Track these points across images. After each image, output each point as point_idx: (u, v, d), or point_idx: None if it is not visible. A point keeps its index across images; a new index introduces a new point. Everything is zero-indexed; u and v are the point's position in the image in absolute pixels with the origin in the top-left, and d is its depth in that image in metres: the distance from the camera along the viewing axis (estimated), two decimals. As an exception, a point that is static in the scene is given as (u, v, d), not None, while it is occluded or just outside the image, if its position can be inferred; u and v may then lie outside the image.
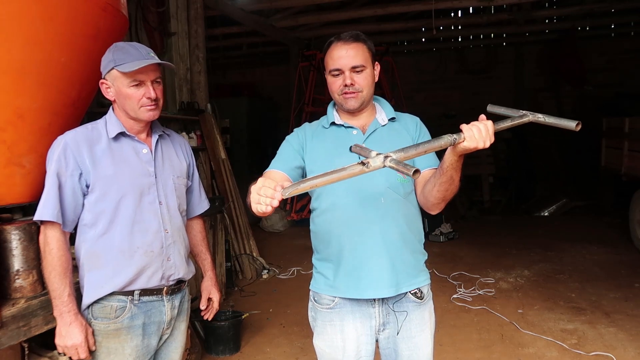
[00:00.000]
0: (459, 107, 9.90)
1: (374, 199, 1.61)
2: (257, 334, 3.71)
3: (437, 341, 3.48)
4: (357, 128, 1.69)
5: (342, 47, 1.62)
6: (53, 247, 1.58)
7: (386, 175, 1.59)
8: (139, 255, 1.65)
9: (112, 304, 1.64)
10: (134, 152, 1.70)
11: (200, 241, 2.01)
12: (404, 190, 1.64)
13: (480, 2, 6.79)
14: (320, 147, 1.69)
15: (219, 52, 9.34)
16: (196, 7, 5.22)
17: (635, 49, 9.18)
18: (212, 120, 5.20)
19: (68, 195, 1.60)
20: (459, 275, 4.85)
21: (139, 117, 1.68)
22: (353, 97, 1.64)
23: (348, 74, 1.62)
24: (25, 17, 1.67)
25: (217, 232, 4.30)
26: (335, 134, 1.70)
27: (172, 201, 1.75)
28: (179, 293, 1.80)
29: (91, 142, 1.64)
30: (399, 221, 1.63)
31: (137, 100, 1.64)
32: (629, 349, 3.27)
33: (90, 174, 1.61)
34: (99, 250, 1.64)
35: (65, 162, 1.59)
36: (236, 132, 7.73)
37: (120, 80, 1.62)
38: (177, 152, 1.85)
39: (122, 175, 1.65)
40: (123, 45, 1.66)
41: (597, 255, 5.47)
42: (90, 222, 1.64)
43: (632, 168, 5.64)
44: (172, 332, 1.80)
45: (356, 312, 1.64)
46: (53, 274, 1.57)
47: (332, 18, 7.47)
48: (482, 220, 7.75)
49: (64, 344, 1.59)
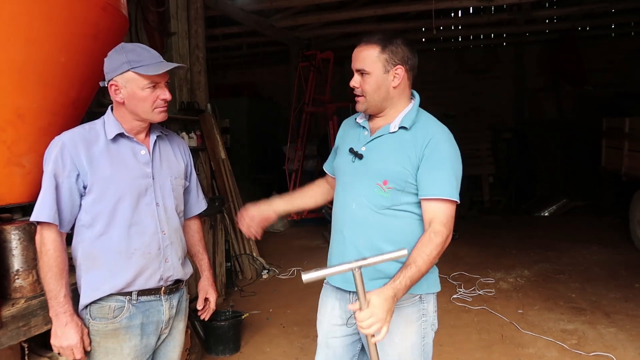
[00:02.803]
0: (459, 107, 9.90)
1: (349, 203, 1.68)
2: (257, 334, 3.70)
3: (437, 341, 3.47)
4: (369, 129, 1.72)
5: (356, 49, 1.65)
6: (49, 248, 1.57)
7: (368, 183, 1.63)
8: (136, 257, 1.65)
9: (110, 304, 1.64)
10: (132, 153, 1.68)
11: (197, 241, 2.00)
12: (382, 203, 1.62)
13: (480, 2, 6.79)
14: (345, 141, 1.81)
15: (219, 52, 9.35)
16: (196, 7, 5.22)
17: (635, 49, 9.18)
18: (212, 120, 5.20)
19: (65, 196, 1.59)
20: (459, 275, 4.86)
21: (150, 119, 1.68)
22: (358, 100, 1.67)
23: (355, 76, 1.65)
24: (25, 17, 1.67)
25: (217, 232, 4.30)
26: (355, 131, 1.79)
27: (169, 202, 1.75)
28: (177, 293, 1.80)
29: (89, 143, 1.62)
30: (369, 230, 1.65)
31: (151, 102, 1.64)
32: (629, 349, 3.27)
33: (87, 175, 1.60)
34: (96, 251, 1.63)
35: (62, 163, 1.58)
36: (236, 132, 7.72)
37: (136, 82, 1.61)
38: (175, 153, 1.84)
39: (120, 176, 1.64)
40: (133, 47, 1.64)
41: (597, 255, 5.47)
42: (87, 222, 1.63)
43: (632, 168, 5.64)
44: (170, 332, 1.80)
45: (338, 294, 1.78)
46: (49, 275, 1.57)
47: (332, 18, 7.47)
48: (482, 220, 7.75)
49: (60, 345, 1.59)
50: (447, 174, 1.58)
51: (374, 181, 1.62)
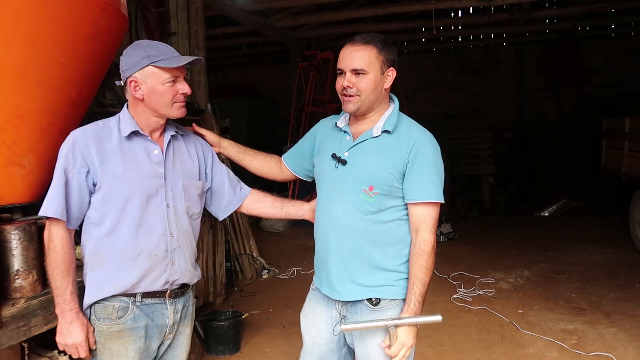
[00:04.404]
0: (459, 107, 9.90)
1: (334, 210, 1.67)
2: (257, 334, 3.70)
3: (437, 341, 3.49)
4: (351, 134, 1.71)
5: (348, 48, 1.62)
6: (57, 244, 1.55)
7: (353, 189, 1.64)
8: (142, 258, 1.62)
9: (113, 304, 1.62)
10: (145, 152, 1.66)
11: (271, 200, 1.98)
12: (367, 208, 1.63)
13: (480, 2, 6.79)
14: (325, 146, 1.77)
15: (219, 52, 9.34)
16: (196, 7, 5.22)
17: (635, 49, 9.18)
18: (212, 120, 5.20)
19: (74, 192, 1.57)
20: (459, 275, 4.85)
21: (169, 114, 1.66)
22: (349, 101, 1.64)
23: (348, 76, 1.62)
24: (25, 17, 1.67)
25: (217, 232, 4.30)
26: (335, 135, 1.77)
27: (180, 204, 1.71)
28: (182, 297, 1.76)
29: (100, 140, 1.60)
30: (355, 236, 1.65)
31: (172, 96, 1.62)
32: (629, 349, 3.27)
33: (97, 172, 1.57)
34: (103, 250, 1.61)
35: (73, 159, 1.56)
36: (236, 132, 7.70)
37: (157, 77, 1.59)
38: (190, 153, 1.80)
39: (131, 175, 1.61)
40: (150, 43, 1.62)
41: (597, 255, 5.47)
42: (96, 220, 1.61)
43: (632, 168, 5.64)
44: (177, 337, 1.77)
45: (325, 300, 1.78)
46: (56, 272, 1.55)
47: (332, 18, 7.47)
48: (482, 220, 7.75)
49: (65, 342, 1.58)
50: (432, 177, 1.63)
51: (360, 187, 1.63)
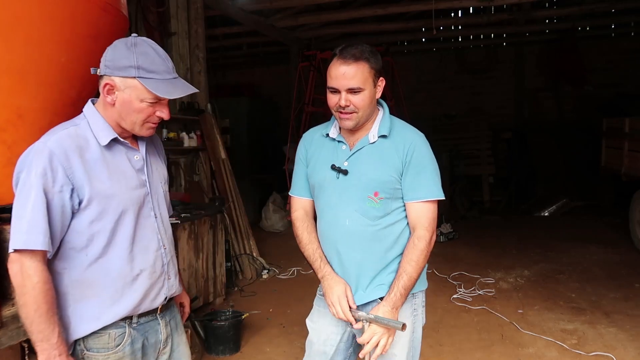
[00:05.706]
0: (459, 107, 9.90)
1: (341, 220, 1.68)
2: (257, 334, 3.70)
3: (437, 341, 3.49)
4: (347, 143, 1.72)
5: (341, 66, 1.57)
6: (36, 281, 1.28)
7: (358, 197, 1.65)
8: (143, 277, 1.46)
9: (109, 332, 1.43)
10: (127, 160, 1.46)
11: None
12: (375, 214, 1.66)
13: (480, 2, 6.79)
14: (318, 157, 1.76)
15: (219, 52, 9.34)
16: (196, 7, 5.22)
17: (635, 49, 9.18)
18: (212, 120, 5.20)
19: (56, 215, 1.31)
20: (459, 275, 4.85)
21: (135, 132, 1.46)
22: (347, 118, 1.64)
23: (344, 95, 1.60)
24: (25, 17, 1.67)
25: (217, 232, 4.30)
26: (329, 145, 1.76)
27: (164, 212, 1.58)
28: (169, 309, 1.63)
29: (81, 150, 1.36)
30: (365, 243, 1.67)
31: (145, 117, 1.41)
32: (629, 349, 3.27)
33: (84, 189, 1.34)
34: (92, 278, 1.39)
35: (52, 176, 1.30)
36: (236, 132, 7.73)
37: (138, 93, 1.37)
38: (159, 155, 1.65)
39: (119, 189, 1.41)
40: (146, 48, 1.39)
41: (597, 255, 5.47)
42: (79, 245, 1.38)
43: (632, 168, 5.64)
44: (176, 348, 1.65)
45: None
46: (38, 314, 1.28)
47: (332, 18, 7.48)
48: (482, 220, 7.75)
49: None
50: (430, 175, 1.67)
51: (365, 194, 1.65)
